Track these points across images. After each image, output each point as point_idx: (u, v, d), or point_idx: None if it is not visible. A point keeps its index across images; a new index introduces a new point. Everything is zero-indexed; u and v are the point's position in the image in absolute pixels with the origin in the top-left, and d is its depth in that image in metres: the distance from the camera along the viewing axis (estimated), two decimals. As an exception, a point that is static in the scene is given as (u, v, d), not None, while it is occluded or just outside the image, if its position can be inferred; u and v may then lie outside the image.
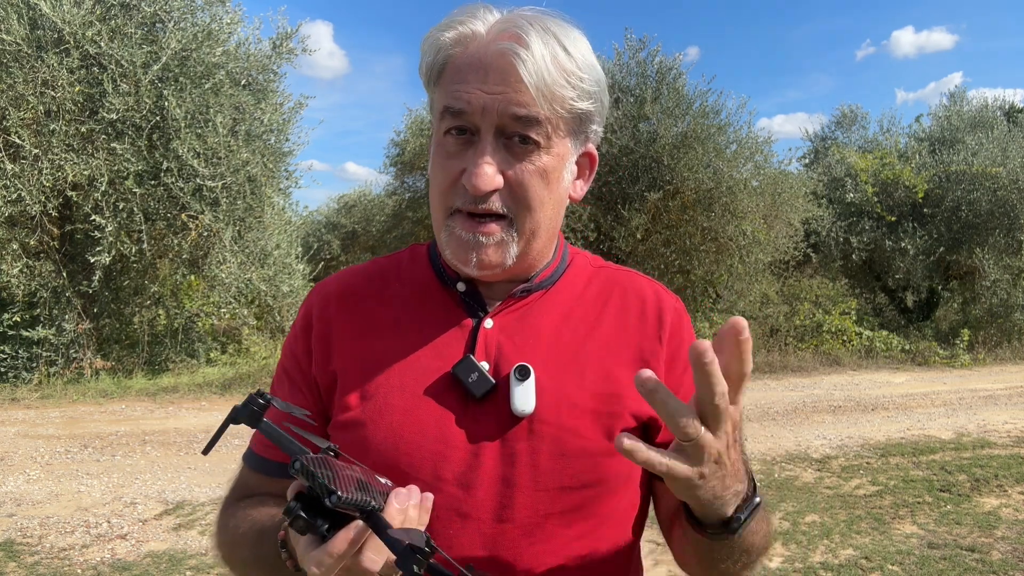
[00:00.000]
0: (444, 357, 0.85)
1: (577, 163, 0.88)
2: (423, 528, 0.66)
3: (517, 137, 0.78)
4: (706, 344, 0.57)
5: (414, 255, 0.96)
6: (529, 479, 0.80)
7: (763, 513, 0.77)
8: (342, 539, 0.60)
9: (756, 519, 0.74)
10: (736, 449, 0.66)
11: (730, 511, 0.70)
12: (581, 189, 0.90)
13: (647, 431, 0.87)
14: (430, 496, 0.68)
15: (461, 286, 0.89)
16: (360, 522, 0.60)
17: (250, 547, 0.81)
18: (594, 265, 0.97)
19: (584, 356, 0.86)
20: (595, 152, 0.90)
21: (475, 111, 0.77)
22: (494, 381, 0.82)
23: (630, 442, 0.59)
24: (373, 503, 0.60)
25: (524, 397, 0.81)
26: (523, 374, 0.82)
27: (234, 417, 0.66)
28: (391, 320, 0.89)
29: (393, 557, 0.59)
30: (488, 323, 0.87)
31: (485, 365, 0.83)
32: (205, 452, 0.72)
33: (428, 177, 0.91)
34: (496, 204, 0.80)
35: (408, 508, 0.64)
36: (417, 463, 0.80)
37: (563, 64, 0.78)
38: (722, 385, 0.59)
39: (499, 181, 0.79)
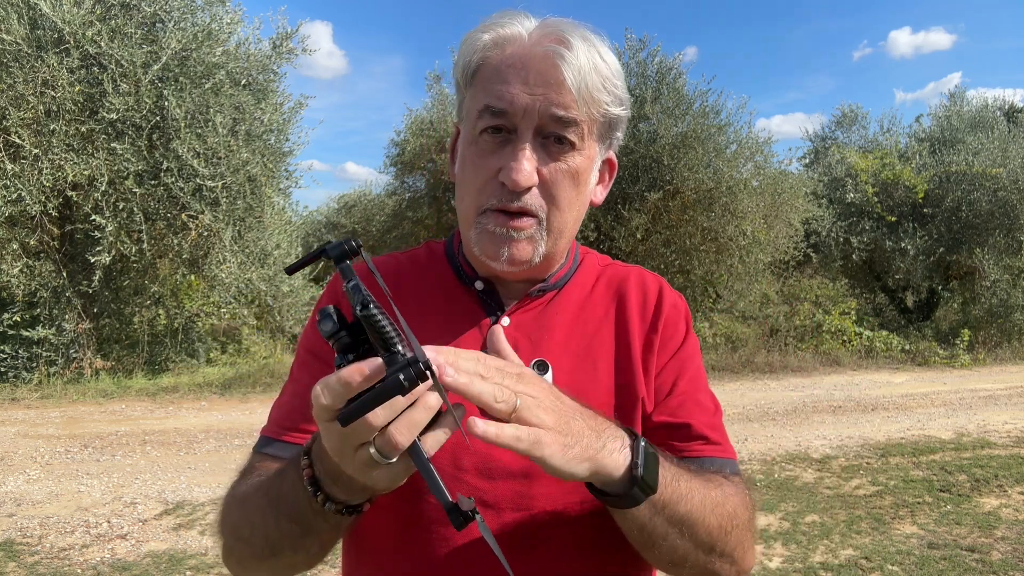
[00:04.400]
0: None
1: (598, 169, 0.90)
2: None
3: (553, 137, 0.81)
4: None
5: (431, 252, 0.98)
6: None
7: (686, 478, 0.76)
8: (354, 367, 0.55)
9: (675, 479, 0.74)
10: (559, 399, 0.68)
11: (622, 460, 0.69)
12: (601, 194, 0.93)
13: (645, 419, 0.89)
14: (463, 408, 0.63)
15: (479, 285, 0.91)
16: (380, 361, 0.56)
17: (265, 492, 0.78)
18: (602, 263, 1.00)
19: (596, 351, 0.89)
20: (615, 160, 0.94)
21: (517, 111, 0.79)
22: None
23: (484, 426, 0.60)
24: (400, 348, 0.56)
25: None
26: (541, 369, 0.85)
27: (324, 250, 0.63)
28: (410, 314, 0.90)
29: (401, 435, 0.57)
30: (505, 321, 0.89)
31: None
32: (289, 272, 0.70)
33: (452, 177, 0.91)
34: (530, 201, 0.82)
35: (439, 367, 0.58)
36: (438, 454, 0.81)
37: (601, 70, 0.81)
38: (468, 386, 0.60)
39: (535, 178, 0.81)
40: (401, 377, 0.54)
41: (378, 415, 0.57)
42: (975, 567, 3.53)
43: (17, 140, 6.80)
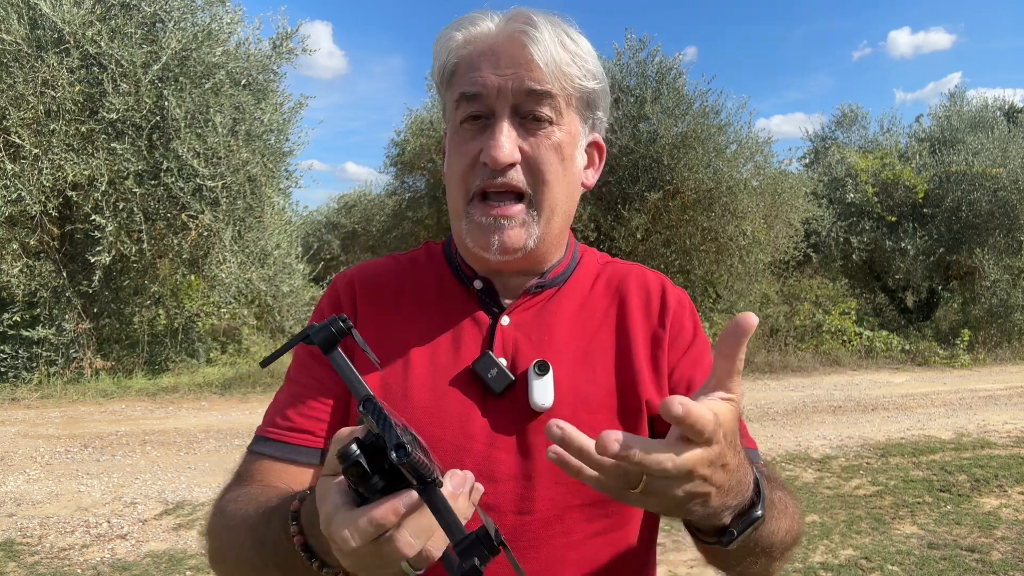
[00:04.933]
0: (462, 353, 0.87)
1: (586, 152, 0.91)
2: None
3: (531, 116, 0.82)
4: (676, 404, 0.52)
5: (430, 252, 0.99)
6: (547, 473, 0.81)
7: (777, 511, 0.75)
8: (388, 508, 0.50)
9: (771, 520, 0.72)
10: (736, 452, 0.61)
11: (726, 520, 0.66)
12: (592, 177, 0.93)
13: (654, 421, 0.87)
14: (481, 489, 0.60)
15: (478, 284, 0.91)
16: (415, 494, 0.50)
17: (251, 530, 0.74)
18: (600, 261, 0.99)
19: (596, 351, 0.89)
20: (602, 143, 0.93)
21: (490, 93, 0.80)
22: (513, 377, 0.84)
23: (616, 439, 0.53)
24: (436, 474, 0.50)
25: (543, 392, 0.83)
26: (542, 369, 0.84)
27: (307, 336, 0.57)
28: (410, 316, 0.91)
29: (435, 547, 0.52)
30: (505, 320, 0.89)
31: (503, 361, 0.85)
32: (263, 364, 0.65)
33: (443, 177, 0.92)
34: (515, 177, 0.82)
35: (461, 495, 0.55)
36: (439, 456, 0.81)
37: (568, 47, 0.83)
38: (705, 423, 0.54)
39: (517, 155, 0.81)
40: (476, 562, 0.48)
41: (412, 545, 0.52)
42: (975, 567, 3.53)
43: (17, 140, 6.80)
